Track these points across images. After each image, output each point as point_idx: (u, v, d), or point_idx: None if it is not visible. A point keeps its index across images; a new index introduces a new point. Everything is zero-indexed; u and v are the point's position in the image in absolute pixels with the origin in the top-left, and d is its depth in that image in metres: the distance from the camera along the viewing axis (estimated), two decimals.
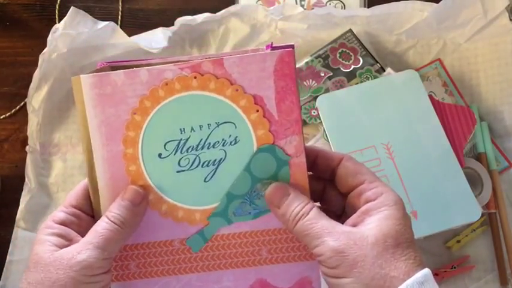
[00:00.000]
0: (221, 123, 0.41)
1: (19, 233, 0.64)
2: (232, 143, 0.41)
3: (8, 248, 0.63)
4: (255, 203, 0.41)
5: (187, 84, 0.41)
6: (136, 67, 0.42)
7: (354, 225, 0.37)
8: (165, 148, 0.42)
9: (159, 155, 0.42)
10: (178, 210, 0.42)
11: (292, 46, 0.41)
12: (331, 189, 0.42)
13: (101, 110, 0.41)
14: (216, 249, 0.42)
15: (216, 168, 0.41)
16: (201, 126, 0.41)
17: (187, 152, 0.41)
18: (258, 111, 0.40)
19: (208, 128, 0.41)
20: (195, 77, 0.40)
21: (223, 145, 0.41)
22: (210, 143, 0.41)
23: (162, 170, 0.42)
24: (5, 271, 0.63)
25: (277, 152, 0.41)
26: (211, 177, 0.42)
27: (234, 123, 0.41)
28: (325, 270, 0.37)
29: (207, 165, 0.41)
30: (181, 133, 0.41)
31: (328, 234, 0.36)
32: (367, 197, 0.38)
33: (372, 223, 0.36)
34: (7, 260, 0.63)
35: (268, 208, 0.41)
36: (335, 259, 0.35)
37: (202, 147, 0.41)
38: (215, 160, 0.41)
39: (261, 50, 0.41)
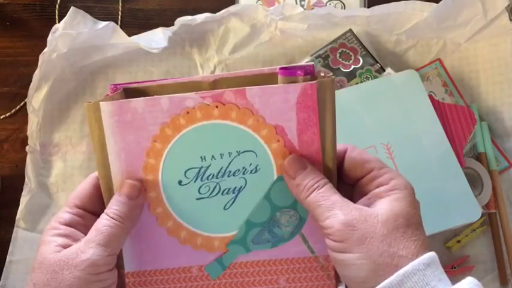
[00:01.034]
0: (242, 152, 0.41)
1: (19, 233, 0.64)
2: (253, 172, 0.41)
3: (8, 248, 0.63)
4: (274, 231, 0.42)
5: (208, 113, 0.40)
6: (148, 89, 0.42)
7: (365, 206, 0.38)
8: (185, 175, 0.41)
9: (179, 182, 0.41)
10: (197, 237, 0.42)
11: (312, 69, 0.40)
12: (337, 181, 0.42)
13: (121, 137, 0.40)
14: (234, 277, 0.42)
15: (236, 196, 0.41)
16: (221, 155, 0.41)
17: (207, 179, 0.41)
18: (279, 141, 0.40)
19: (229, 157, 0.41)
20: (217, 106, 0.40)
21: (243, 173, 0.41)
22: (230, 171, 0.41)
23: (182, 197, 0.42)
24: (5, 271, 0.63)
25: None
26: (231, 205, 0.42)
27: (255, 152, 0.41)
28: (333, 244, 0.37)
29: (227, 193, 0.42)
30: (202, 161, 0.41)
31: (340, 208, 0.37)
32: (378, 183, 0.39)
33: (383, 204, 0.37)
34: (7, 260, 0.63)
35: (287, 237, 0.41)
36: (344, 232, 0.36)
37: (223, 175, 0.41)
38: (235, 188, 0.41)
39: (276, 71, 0.41)
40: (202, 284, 0.42)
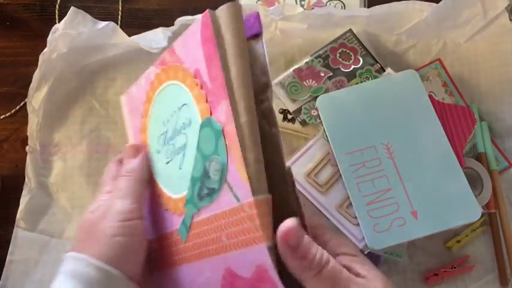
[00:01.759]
0: (180, 107, 0.40)
1: (19, 233, 0.64)
2: (189, 125, 0.39)
3: (8, 248, 0.63)
4: (207, 184, 0.37)
5: (160, 79, 0.42)
6: None
7: None
8: (158, 143, 0.43)
9: (157, 151, 0.43)
10: (170, 201, 0.42)
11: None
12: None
13: (130, 120, 0.47)
14: (194, 238, 0.39)
15: (184, 154, 0.39)
16: (171, 115, 0.41)
17: (168, 142, 0.42)
18: (197, 85, 0.37)
19: (175, 115, 0.41)
20: (163, 70, 0.42)
21: (184, 128, 0.39)
22: (177, 129, 0.40)
23: (159, 165, 0.43)
24: (5, 271, 0.63)
25: (212, 124, 0.36)
26: (182, 163, 0.40)
27: (187, 104, 0.39)
28: None
29: (179, 152, 0.40)
30: (164, 126, 0.42)
31: (355, 284, 0.37)
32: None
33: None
34: (7, 260, 0.63)
35: (217, 188, 0.36)
36: None
37: (174, 135, 0.41)
38: (182, 145, 0.40)
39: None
40: (179, 248, 0.40)
